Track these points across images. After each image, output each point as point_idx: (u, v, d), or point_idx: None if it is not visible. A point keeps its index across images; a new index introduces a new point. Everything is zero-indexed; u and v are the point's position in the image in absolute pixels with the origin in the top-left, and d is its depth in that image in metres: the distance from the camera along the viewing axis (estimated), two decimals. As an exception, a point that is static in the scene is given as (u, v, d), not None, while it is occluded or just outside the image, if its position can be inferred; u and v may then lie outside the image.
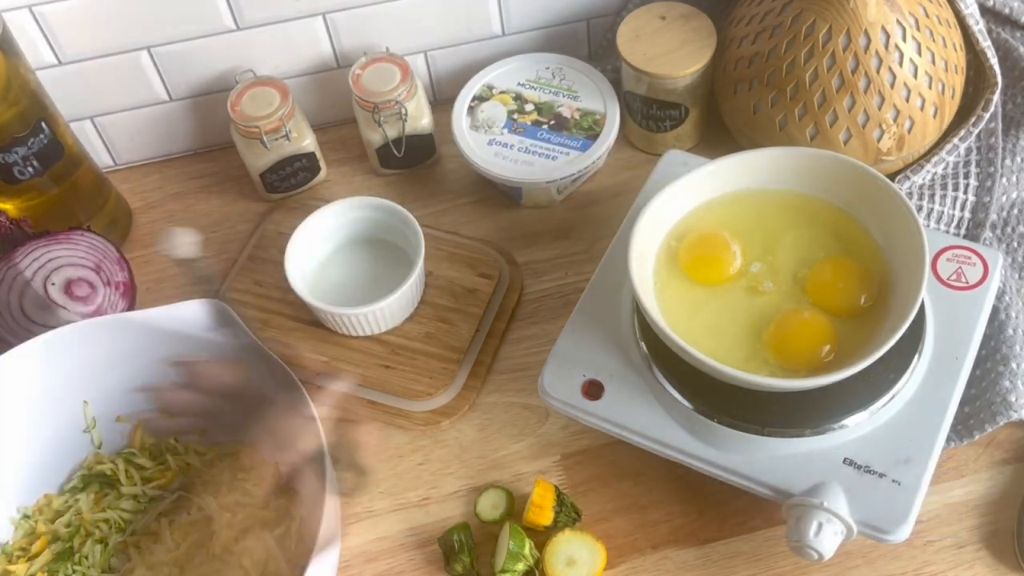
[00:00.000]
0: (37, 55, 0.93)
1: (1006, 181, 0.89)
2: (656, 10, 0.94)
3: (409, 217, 0.88)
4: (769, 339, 0.73)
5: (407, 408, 0.85)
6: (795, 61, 0.85)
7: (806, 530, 0.68)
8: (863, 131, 0.86)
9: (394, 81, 0.95)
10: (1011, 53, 0.92)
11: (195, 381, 0.61)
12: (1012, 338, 0.80)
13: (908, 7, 0.84)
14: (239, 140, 0.96)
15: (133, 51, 0.95)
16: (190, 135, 1.04)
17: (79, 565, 0.78)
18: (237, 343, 0.76)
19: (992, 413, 0.77)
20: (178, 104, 1.01)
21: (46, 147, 0.88)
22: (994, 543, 0.76)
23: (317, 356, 0.87)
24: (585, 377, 0.76)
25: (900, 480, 0.69)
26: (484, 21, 1.00)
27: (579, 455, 0.83)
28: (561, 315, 0.88)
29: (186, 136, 1.04)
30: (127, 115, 1.01)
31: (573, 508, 0.79)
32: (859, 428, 0.71)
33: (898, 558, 0.76)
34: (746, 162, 0.78)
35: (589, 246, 0.94)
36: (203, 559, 0.78)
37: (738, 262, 0.76)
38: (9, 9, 0.89)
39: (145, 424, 0.83)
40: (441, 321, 0.89)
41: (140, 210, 1.01)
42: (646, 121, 0.96)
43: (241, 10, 0.94)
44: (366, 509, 0.82)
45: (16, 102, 0.85)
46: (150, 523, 0.80)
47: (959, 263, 0.78)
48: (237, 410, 0.76)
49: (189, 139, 1.04)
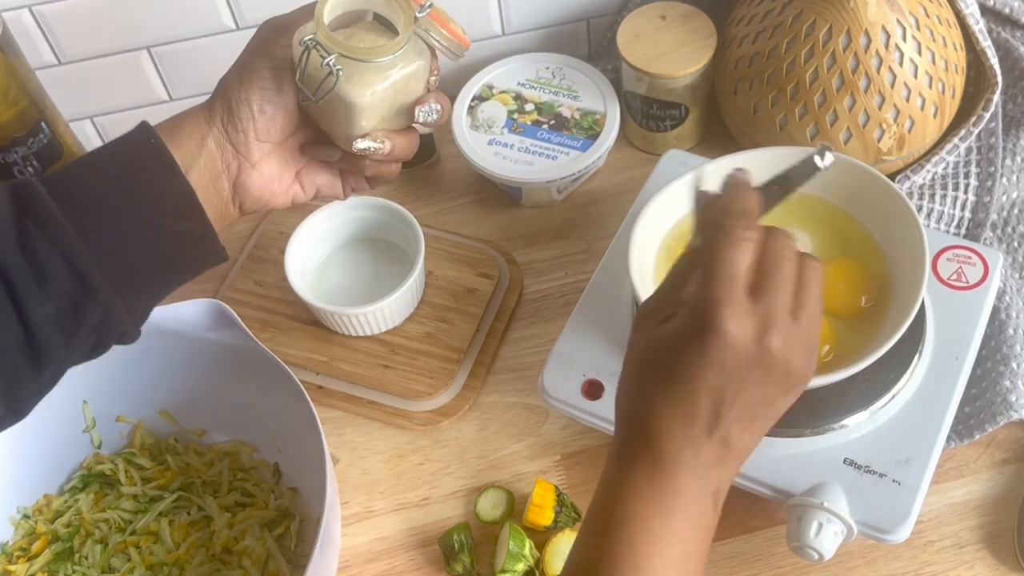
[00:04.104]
0: (37, 55, 0.93)
1: (1006, 181, 0.89)
2: (656, 10, 0.94)
3: (409, 217, 0.88)
4: (769, 339, 0.73)
5: (407, 408, 0.85)
6: (795, 61, 0.85)
7: (806, 530, 0.68)
8: (863, 131, 0.86)
9: (394, 81, 0.94)
10: (1011, 53, 0.92)
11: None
12: (1012, 338, 0.80)
13: (908, 7, 0.84)
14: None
15: (133, 51, 0.95)
16: (190, 135, 1.04)
17: (79, 565, 0.79)
18: (237, 343, 0.76)
19: (992, 413, 0.77)
20: (178, 104, 1.00)
21: (46, 147, 0.88)
22: (995, 543, 0.76)
23: (317, 356, 0.87)
24: (585, 377, 0.76)
25: (900, 480, 0.69)
26: (484, 21, 1.00)
27: (579, 455, 0.83)
28: (561, 315, 0.88)
29: (186, 136, 1.04)
30: (127, 115, 1.01)
31: (573, 508, 0.79)
32: (859, 428, 0.71)
33: (898, 558, 0.76)
34: (746, 162, 0.78)
35: (589, 246, 0.94)
36: (203, 559, 0.78)
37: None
38: (9, 9, 0.89)
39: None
40: (441, 321, 0.89)
41: (140, 210, 1.01)
42: (646, 121, 0.96)
43: (241, 10, 0.94)
44: (366, 509, 0.82)
45: (16, 102, 0.85)
46: (150, 523, 0.80)
47: (959, 263, 0.78)
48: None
49: (189, 139, 1.04)
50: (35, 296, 0.56)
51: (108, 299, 0.58)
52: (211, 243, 0.63)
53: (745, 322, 0.52)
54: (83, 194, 0.59)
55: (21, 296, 0.56)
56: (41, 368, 0.58)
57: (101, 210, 0.59)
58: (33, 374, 0.58)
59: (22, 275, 0.56)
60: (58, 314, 0.57)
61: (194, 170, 0.62)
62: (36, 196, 0.57)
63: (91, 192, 0.59)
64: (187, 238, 0.62)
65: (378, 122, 0.64)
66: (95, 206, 0.59)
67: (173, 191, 0.61)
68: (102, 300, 0.58)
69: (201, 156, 0.63)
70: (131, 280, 0.60)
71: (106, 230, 0.58)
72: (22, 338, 0.57)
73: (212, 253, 0.63)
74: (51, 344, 0.57)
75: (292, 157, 0.67)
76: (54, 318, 0.57)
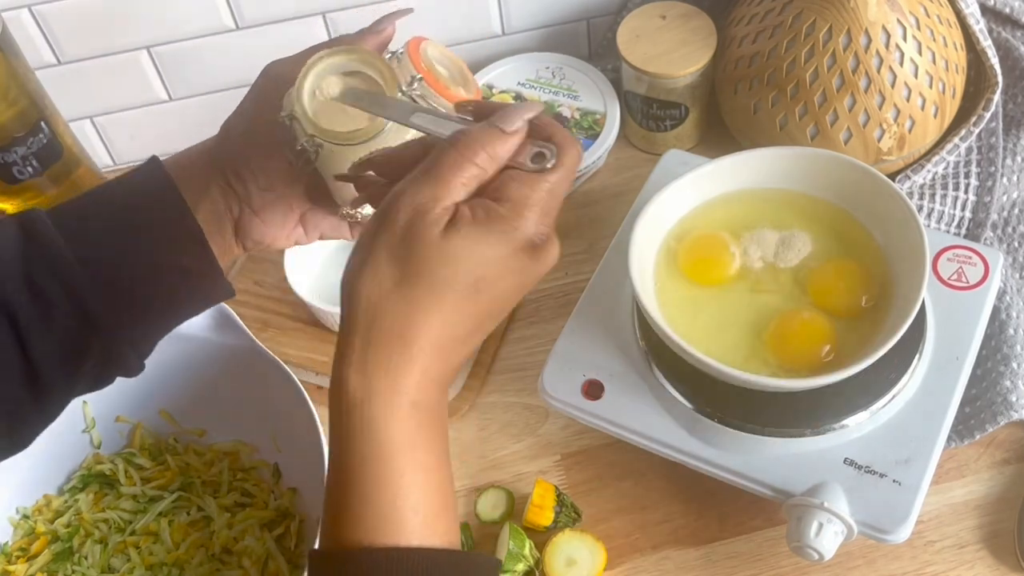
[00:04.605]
0: (37, 55, 0.93)
1: (1007, 181, 0.89)
2: (656, 10, 0.94)
3: (409, 217, 0.88)
4: (769, 339, 0.72)
5: (407, 408, 0.85)
6: (795, 60, 0.85)
7: (806, 530, 0.68)
8: (863, 131, 0.86)
9: (394, 81, 0.94)
10: (1011, 52, 0.92)
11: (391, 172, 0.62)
12: (1013, 338, 0.80)
13: (909, 6, 0.84)
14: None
15: (133, 51, 0.95)
16: (190, 135, 1.03)
17: (79, 565, 0.78)
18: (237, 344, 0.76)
19: (993, 413, 0.77)
20: (178, 104, 1.00)
21: (45, 147, 0.88)
22: (995, 543, 0.76)
23: (317, 356, 0.87)
24: (585, 377, 0.76)
25: (901, 480, 0.69)
26: (484, 21, 1.00)
27: (579, 455, 0.82)
28: (561, 315, 0.88)
29: (186, 136, 1.03)
30: (127, 115, 1.01)
31: (573, 508, 0.78)
32: (860, 428, 0.71)
33: (899, 558, 0.76)
34: (746, 162, 0.78)
35: (589, 246, 0.94)
36: (203, 559, 0.78)
37: (737, 263, 0.76)
38: (9, 9, 0.89)
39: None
40: (441, 321, 0.88)
41: (140, 210, 1.01)
42: (646, 121, 0.96)
43: (241, 10, 0.94)
44: (366, 509, 0.81)
45: (16, 102, 0.85)
46: (150, 523, 0.80)
47: (960, 263, 0.78)
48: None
49: (189, 139, 1.04)
50: (38, 331, 0.56)
51: (111, 335, 0.58)
52: (218, 280, 0.62)
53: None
54: (91, 228, 0.59)
55: (24, 331, 0.56)
56: (43, 401, 0.58)
57: (108, 245, 0.59)
58: (35, 407, 0.58)
59: (26, 309, 0.56)
60: (61, 349, 0.57)
61: (199, 211, 0.62)
62: (43, 230, 0.57)
63: (99, 227, 0.59)
64: (194, 275, 0.61)
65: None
66: (102, 241, 0.59)
67: (181, 229, 0.60)
68: (105, 336, 0.58)
69: (205, 200, 0.62)
70: (136, 315, 0.60)
71: (112, 265, 0.58)
72: (24, 372, 0.57)
73: (218, 289, 0.63)
74: (53, 378, 0.57)
75: (296, 202, 0.66)
76: (57, 353, 0.57)
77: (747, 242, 0.77)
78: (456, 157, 0.51)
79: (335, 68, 0.60)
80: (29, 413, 0.59)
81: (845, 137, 0.87)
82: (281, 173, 0.63)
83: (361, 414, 0.50)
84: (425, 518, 0.50)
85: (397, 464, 0.50)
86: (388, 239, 0.50)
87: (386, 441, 0.50)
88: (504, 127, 0.52)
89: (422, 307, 0.50)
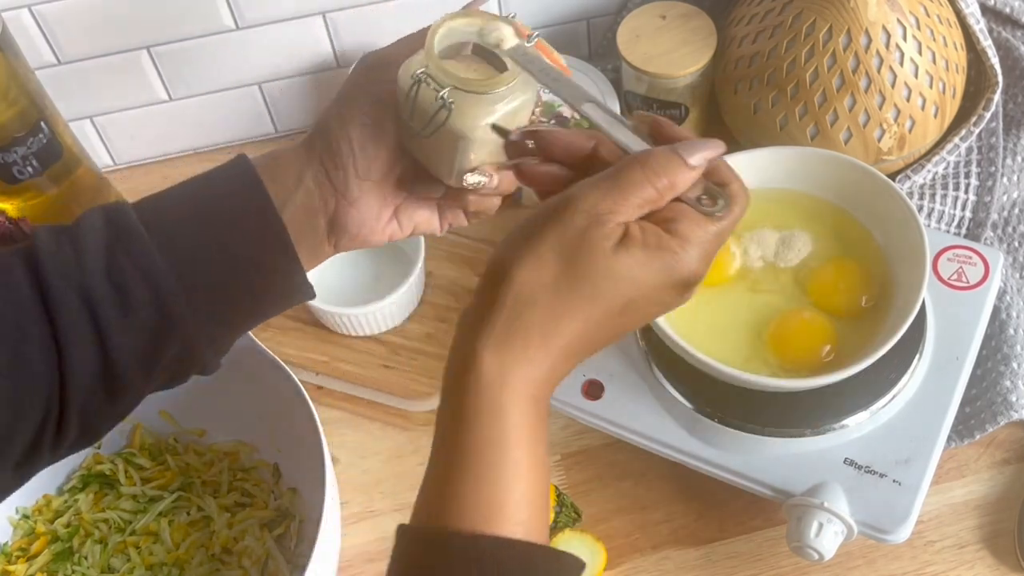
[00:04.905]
0: (37, 55, 0.93)
1: (1007, 180, 0.89)
2: (656, 10, 0.94)
3: (409, 217, 0.88)
4: (769, 339, 0.73)
5: (407, 408, 0.85)
6: (795, 60, 0.85)
7: (806, 530, 0.68)
8: (864, 131, 0.86)
9: (394, 81, 0.94)
10: (1012, 52, 0.92)
11: (548, 150, 0.61)
12: (1013, 338, 0.80)
13: (909, 6, 0.84)
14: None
15: (133, 51, 0.95)
16: (190, 135, 1.04)
17: (79, 565, 0.78)
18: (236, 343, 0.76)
19: (993, 413, 0.77)
20: (178, 104, 1.00)
21: (45, 147, 0.88)
22: (995, 543, 0.76)
23: (317, 356, 0.87)
24: (585, 377, 0.76)
25: (901, 480, 0.69)
26: (484, 21, 1.00)
27: (579, 455, 0.82)
28: (561, 315, 0.88)
29: (186, 136, 1.04)
30: (127, 115, 1.01)
31: (573, 508, 0.78)
32: (860, 428, 0.71)
33: (899, 558, 0.76)
34: (746, 162, 0.78)
35: (589, 246, 0.94)
36: (203, 559, 0.78)
37: (737, 263, 0.76)
38: (9, 9, 0.89)
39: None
40: (441, 321, 0.88)
41: (140, 210, 1.01)
42: (646, 121, 0.96)
43: (241, 10, 0.94)
44: (366, 509, 0.81)
45: (16, 102, 0.85)
46: (149, 523, 0.80)
47: (960, 263, 0.78)
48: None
49: (189, 139, 1.04)
50: (117, 324, 0.56)
51: (191, 332, 0.58)
52: (300, 280, 0.62)
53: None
54: (174, 224, 0.58)
55: (103, 323, 0.55)
56: (116, 396, 0.58)
57: (191, 242, 0.58)
58: (108, 401, 0.58)
59: (107, 302, 0.55)
60: (139, 343, 0.56)
61: (290, 206, 0.60)
62: (128, 223, 0.57)
63: (182, 223, 0.58)
64: (276, 275, 0.61)
65: (486, 156, 0.63)
66: (185, 237, 0.58)
67: (265, 227, 0.60)
68: (184, 333, 0.57)
69: (298, 192, 0.61)
70: (216, 313, 0.59)
71: (194, 262, 0.58)
72: (101, 365, 0.56)
73: (300, 290, 0.62)
74: (129, 373, 0.57)
75: (391, 194, 0.64)
76: (135, 347, 0.56)
77: (747, 242, 0.77)
78: (641, 177, 0.52)
79: (456, 31, 0.61)
80: (102, 406, 0.58)
81: (845, 137, 0.87)
82: (379, 160, 0.62)
83: (491, 397, 0.51)
84: (531, 512, 0.51)
85: (516, 455, 0.50)
86: (559, 236, 0.51)
87: (512, 429, 0.50)
88: (689, 160, 0.53)
89: (572, 311, 0.51)
